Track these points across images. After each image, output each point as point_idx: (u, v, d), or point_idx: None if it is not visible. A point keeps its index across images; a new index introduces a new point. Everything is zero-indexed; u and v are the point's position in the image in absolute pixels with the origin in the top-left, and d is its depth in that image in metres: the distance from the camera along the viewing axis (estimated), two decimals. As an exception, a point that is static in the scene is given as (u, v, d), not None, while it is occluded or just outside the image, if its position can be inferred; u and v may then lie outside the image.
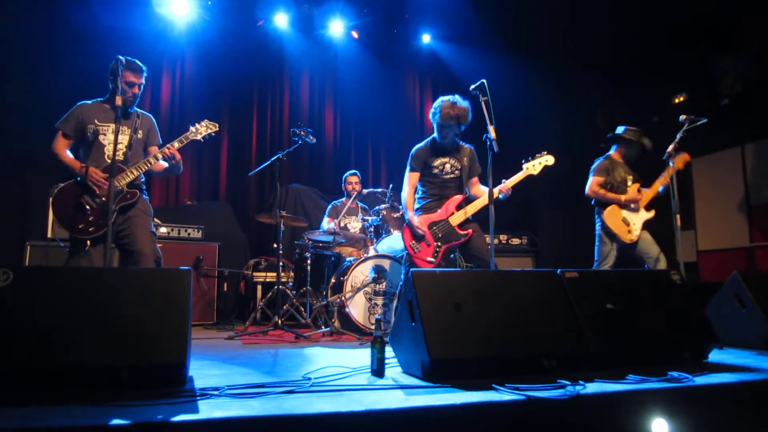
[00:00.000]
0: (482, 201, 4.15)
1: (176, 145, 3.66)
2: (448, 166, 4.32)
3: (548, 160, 4.30)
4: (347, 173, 6.29)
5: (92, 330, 2.04)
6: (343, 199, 6.20)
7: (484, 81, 3.71)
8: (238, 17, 7.77)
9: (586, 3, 7.16)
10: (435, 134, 4.35)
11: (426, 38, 8.93)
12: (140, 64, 3.66)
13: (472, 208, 4.19)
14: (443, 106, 4.19)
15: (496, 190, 4.06)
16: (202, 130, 3.85)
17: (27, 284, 2.09)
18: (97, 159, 3.56)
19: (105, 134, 3.60)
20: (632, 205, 4.66)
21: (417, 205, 4.38)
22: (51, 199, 3.45)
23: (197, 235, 6.14)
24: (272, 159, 5.04)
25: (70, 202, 3.43)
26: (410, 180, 4.39)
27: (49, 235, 5.28)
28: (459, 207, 4.24)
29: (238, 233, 6.99)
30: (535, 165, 4.28)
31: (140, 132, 3.73)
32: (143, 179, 3.73)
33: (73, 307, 2.08)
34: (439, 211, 4.28)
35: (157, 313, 2.14)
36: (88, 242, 3.41)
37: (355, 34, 8.52)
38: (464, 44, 8.62)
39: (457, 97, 4.21)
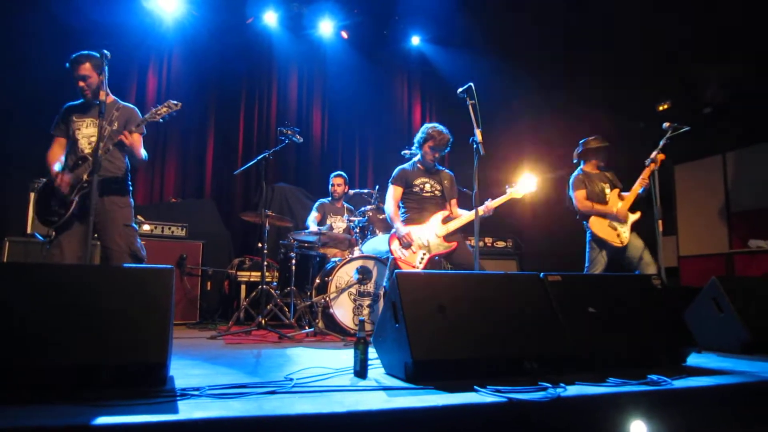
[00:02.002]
0: (467, 218, 4.34)
1: (133, 129, 3.66)
2: (428, 185, 4.49)
3: (531, 189, 4.48)
4: (332, 174, 6.28)
5: (71, 328, 2.02)
6: (329, 199, 6.20)
7: (472, 84, 3.73)
8: (227, 14, 7.73)
9: (573, 10, 7.24)
10: (418, 157, 4.54)
11: (415, 40, 8.96)
12: (79, 55, 3.63)
13: (456, 223, 4.35)
14: (435, 131, 4.38)
15: (480, 209, 4.19)
16: (162, 110, 3.71)
17: (4, 280, 2.06)
18: (75, 152, 3.66)
19: (79, 129, 3.70)
20: (620, 217, 4.69)
21: (402, 217, 4.49)
22: (34, 198, 3.61)
23: (181, 233, 6.09)
24: (259, 158, 5.02)
25: (44, 197, 3.61)
26: (394, 194, 4.53)
27: (29, 230, 5.21)
28: (445, 221, 4.39)
29: (223, 232, 6.95)
30: (519, 191, 4.45)
31: (115, 123, 3.70)
32: (124, 173, 3.76)
33: (52, 304, 2.04)
34: (424, 222, 4.38)
35: (138, 312, 2.12)
36: (53, 232, 3.57)
37: (344, 35, 8.52)
38: (453, 47, 8.66)
39: (442, 126, 4.44)
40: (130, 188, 3.82)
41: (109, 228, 3.58)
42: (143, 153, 3.77)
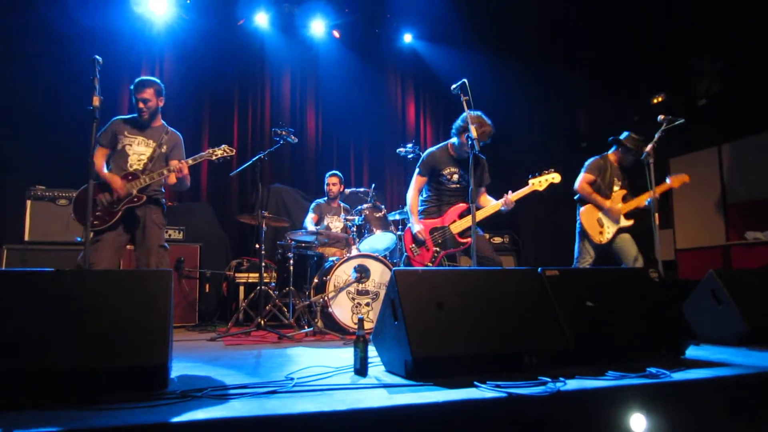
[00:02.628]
0: (485, 212, 4.28)
1: (189, 162, 4.03)
2: (456, 176, 4.39)
3: (555, 177, 4.32)
4: (327, 174, 6.28)
5: (72, 332, 2.02)
6: (326, 199, 6.20)
7: (465, 81, 3.75)
8: (218, 16, 7.71)
9: (566, 3, 7.25)
10: (454, 142, 4.34)
11: (407, 38, 8.95)
12: (145, 80, 4.04)
13: (470, 221, 4.14)
14: (479, 120, 4.09)
15: (500, 202, 4.21)
16: (218, 152, 4.20)
17: (4, 288, 2.06)
18: (121, 166, 3.95)
19: (131, 145, 4.00)
20: (613, 215, 4.70)
21: (420, 208, 4.47)
22: (74, 199, 3.90)
23: (178, 236, 6.09)
24: (254, 159, 5.01)
25: (86, 199, 3.71)
26: (416, 183, 4.47)
27: (27, 238, 5.20)
28: (461, 215, 4.34)
29: (220, 234, 6.94)
30: (542, 181, 4.31)
31: (164, 147, 4.08)
32: (162, 194, 4.10)
33: (52, 309, 2.05)
34: (440, 217, 4.38)
35: (138, 315, 2.12)
36: (91, 234, 3.72)
37: (336, 34, 8.51)
38: (445, 44, 8.67)
39: (485, 115, 4.19)
40: (165, 208, 4.13)
41: (147, 244, 3.89)
42: (189, 180, 4.12)
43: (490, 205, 4.32)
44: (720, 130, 6.76)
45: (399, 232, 4.99)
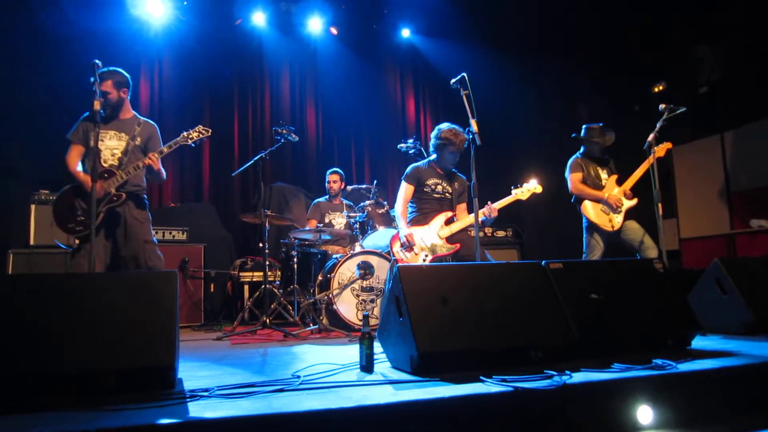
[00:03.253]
0: (471, 219, 4.31)
1: (164, 150, 3.82)
2: (440, 187, 4.50)
3: (537, 188, 4.48)
4: (328, 172, 6.29)
5: (79, 335, 2.03)
6: (327, 197, 6.21)
7: (465, 75, 3.73)
8: (215, 17, 7.70)
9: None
10: (434, 157, 4.53)
11: (405, 33, 8.92)
12: (102, 72, 3.70)
13: (458, 225, 4.36)
14: (451, 134, 4.33)
15: (482, 212, 4.25)
16: (193, 135, 3.97)
17: (11, 292, 2.07)
18: (96, 163, 3.61)
19: (102, 140, 3.78)
20: (613, 205, 4.69)
21: (408, 218, 4.53)
22: (52, 205, 3.74)
23: (182, 236, 6.10)
24: (255, 158, 5.02)
25: (66, 205, 3.68)
26: (405, 192, 4.53)
27: (32, 242, 5.22)
28: (448, 222, 4.41)
29: (224, 234, 6.95)
30: (524, 191, 4.46)
31: (138, 139, 3.88)
32: (143, 188, 3.92)
33: (59, 312, 2.06)
34: (428, 223, 4.42)
35: (144, 316, 2.13)
36: (77, 240, 3.66)
37: (334, 31, 8.48)
38: (444, 38, 8.64)
39: (455, 125, 4.39)
40: (147, 202, 3.96)
41: (132, 243, 3.74)
42: (164, 173, 3.94)
43: (470, 216, 4.37)
44: (722, 117, 6.73)
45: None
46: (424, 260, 4.28)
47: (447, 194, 4.52)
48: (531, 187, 4.46)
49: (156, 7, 7.21)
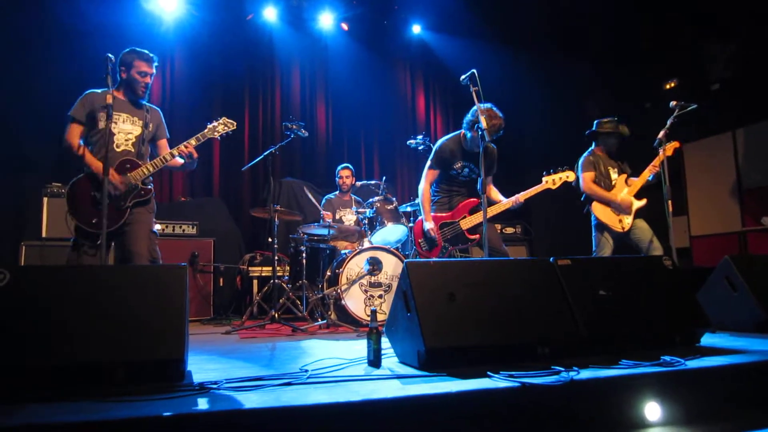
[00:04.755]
0: (494, 209, 4.27)
1: (193, 142, 3.67)
2: (467, 170, 4.39)
3: (569, 176, 4.33)
4: (339, 167, 6.30)
5: (90, 327, 2.05)
6: (337, 192, 6.22)
7: (475, 71, 3.72)
8: (227, 12, 7.73)
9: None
10: (466, 134, 4.29)
11: (416, 29, 8.90)
12: (151, 54, 3.67)
13: (479, 217, 4.18)
14: (489, 113, 4.03)
15: (510, 200, 4.21)
16: (219, 128, 3.80)
17: (23, 284, 2.09)
18: (107, 147, 3.34)
19: (116, 123, 3.54)
20: (624, 207, 4.67)
21: (432, 200, 4.50)
22: (66, 192, 3.42)
23: (192, 231, 6.14)
24: (265, 153, 5.04)
25: (84, 197, 3.42)
26: (428, 177, 4.46)
27: (44, 234, 5.27)
28: (471, 211, 4.34)
29: (233, 228, 6.99)
30: (555, 180, 4.31)
31: (151, 126, 3.73)
32: (150, 179, 3.69)
33: (70, 305, 2.08)
34: (451, 211, 4.41)
35: (154, 310, 2.15)
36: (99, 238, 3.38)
37: (344, 26, 8.49)
38: (455, 34, 8.62)
39: (495, 108, 4.15)
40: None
41: (138, 232, 3.49)
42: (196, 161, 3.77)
43: (500, 203, 4.32)
44: (734, 114, 6.66)
45: (410, 224, 4.99)
46: (443, 252, 4.32)
47: (473, 176, 4.42)
48: (563, 175, 4.31)
49: (168, 2, 7.24)
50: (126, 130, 3.60)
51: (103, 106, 3.43)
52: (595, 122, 4.96)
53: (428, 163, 4.50)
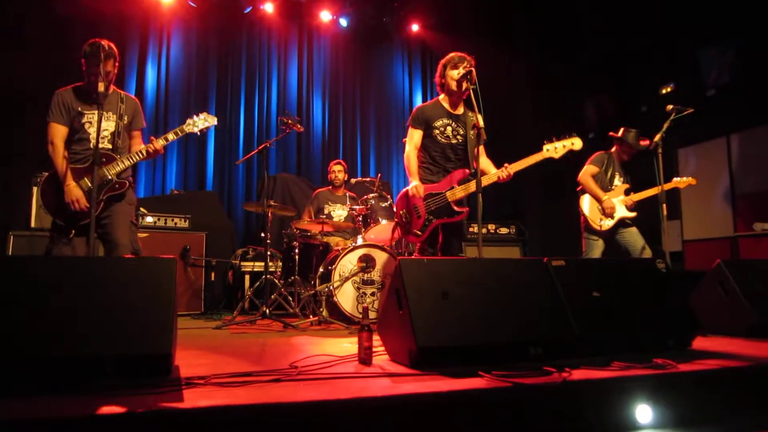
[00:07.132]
0: (484, 180, 3.68)
1: (171, 136, 3.60)
2: (449, 129, 3.92)
3: (575, 143, 3.79)
4: (332, 162, 6.28)
5: (76, 320, 2.01)
6: (330, 187, 6.18)
7: (473, 69, 3.70)
8: (225, 4, 7.69)
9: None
10: (442, 95, 4.03)
11: (415, 27, 8.89)
12: (105, 45, 3.45)
13: (472, 186, 3.77)
14: (460, 56, 3.90)
15: (498, 172, 3.76)
16: (199, 123, 3.75)
17: (9, 274, 2.06)
18: (84, 146, 3.50)
19: (90, 122, 3.51)
20: (607, 212, 4.73)
21: (421, 167, 4.03)
22: (38, 185, 3.43)
23: (184, 224, 6.09)
24: (260, 147, 5.00)
25: (57, 190, 3.41)
26: (412, 137, 3.98)
27: (33, 224, 5.22)
28: (461, 182, 3.86)
29: (226, 222, 6.95)
30: (558, 147, 3.80)
31: (125, 117, 3.65)
32: (129, 171, 3.67)
33: (56, 296, 2.04)
34: (439, 182, 3.92)
35: (142, 303, 2.12)
36: (73, 231, 3.40)
37: (343, 22, 8.46)
38: (453, 33, 8.60)
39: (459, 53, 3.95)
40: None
41: (119, 224, 3.48)
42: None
43: (489, 174, 3.83)
44: (729, 120, 6.68)
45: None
46: (426, 225, 3.84)
47: (459, 137, 3.94)
48: (567, 142, 3.77)
49: (165, -7, 7.20)
50: (101, 127, 3.46)
51: (74, 108, 3.47)
52: (622, 129, 4.99)
53: (408, 127, 4.06)
